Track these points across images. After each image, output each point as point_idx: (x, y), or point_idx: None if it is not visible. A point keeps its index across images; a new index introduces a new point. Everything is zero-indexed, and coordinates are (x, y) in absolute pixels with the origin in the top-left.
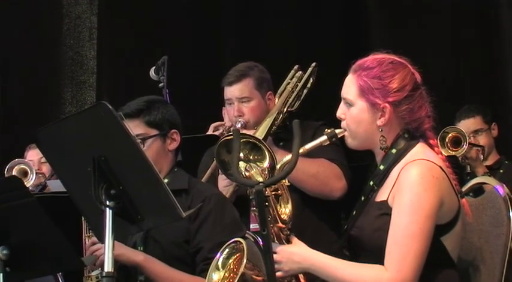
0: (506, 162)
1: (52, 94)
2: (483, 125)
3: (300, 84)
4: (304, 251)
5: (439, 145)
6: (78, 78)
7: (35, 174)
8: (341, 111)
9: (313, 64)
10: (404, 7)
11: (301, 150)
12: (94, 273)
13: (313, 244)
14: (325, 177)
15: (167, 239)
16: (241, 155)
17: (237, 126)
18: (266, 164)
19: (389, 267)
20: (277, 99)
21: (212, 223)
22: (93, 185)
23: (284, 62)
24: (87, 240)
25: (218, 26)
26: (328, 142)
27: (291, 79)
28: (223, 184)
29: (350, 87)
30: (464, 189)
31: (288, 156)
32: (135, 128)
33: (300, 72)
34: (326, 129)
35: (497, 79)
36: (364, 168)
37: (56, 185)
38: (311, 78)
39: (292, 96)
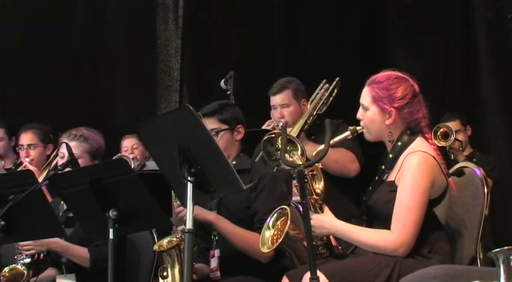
0: (478, 153)
1: (147, 95)
2: (461, 126)
3: (326, 94)
4: (332, 220)
5: (432, 137)
6: (167, 83)
7: (132, 161)
8: (360, 114)
9: (337, 79)
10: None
11: (331, 142)
12: (179, 228)
13: (335, 210)
14: (344, 161)
15: (233, 205)
16: (282, 146)
17: (280, 124)
18: (298, 152)
19: (394, 230)
20: (309, 105)
21: (266, 194)
22: (178, 165)
23: (315, 76)
24: (174, 205)
25: (267, 48)
26: (351, 136)
27: (320, 90)
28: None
29: (366, 96)
30: (450, 171)
31: (321, 146)
32: (211, 123)
33: (327, 84)
34: (349, 127)
35: (473, 92)
36: (378, 156)
37: (151, 165)
38: (335, 90)
39: (321, 103)
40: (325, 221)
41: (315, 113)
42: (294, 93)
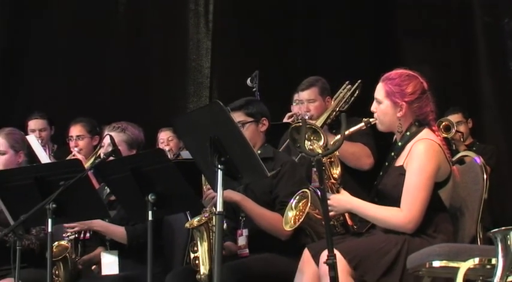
0: (477, 143)
1: (181, 90)
2: (462, 119)
3: (348, 93)
4: (348, 198)
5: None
6: (198, 80)
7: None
8: (374, 107)
9: (359, 81)
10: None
11: (346, 132)
12: (208, 208)
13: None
14: (360, 155)
15: (259, 189)
16: (306, 135)
17: (305, 117)
18: (321, 142)
19: (403, 208)
20: (332, 102)
21: (286, 180)
22: (210, 154)
23: (338, 76)
24: (204, 189)
25: (287, 50)
26: (364, 127)
27: (343, 90)
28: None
29: (379, 91)
30: (453, 159)
31: (338, 136)
32: (238, 117)
33: (350, 85)
34: (363, 119)
35: (474, 89)
36: (388, 145)
37: (185, 155)
38: (357, 90)
39: (343, 101)
40: (342, 198)
41: (337, 109)
42: (320, 91)
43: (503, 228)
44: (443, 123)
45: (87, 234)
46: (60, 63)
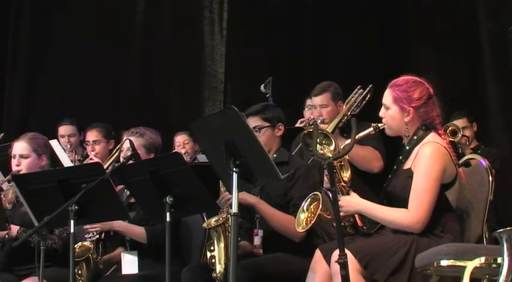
0: (482, 146)
1: (196, 95)
2: (468, 123)
3: (360, 98)
4: (357, 200)
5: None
6: (213, 85)
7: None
8: (382, 112)
9: (370, 85)
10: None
11: (357, 137)
12: (224, 209)
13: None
14: (370, 159)
15: (273, 192)
16: (318, 140)
17: (318, 122)
18: (332, 147)
19: (411, 209)
20: (344, 106)
21: (301, 183)
22: (225, 158)
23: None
24: (221, 192)
25: (300, 56)
26: (373, 132)
27: (355, 94)
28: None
29: (387, 97)
30: (460, 162)
31: (348, 141)
32: (255, 121)
33: (361, 90)
34: (372, 124)
35: (479, 94)
36: (396, 148)
37: (202, 158)
38: (368, 95)
39: (354, 105)
40: (352, 200)
41: (349, 113)
42: (333, 96)
43: (508, 228)
44: (450, 128)
45: (102, 234)
46: (83, 70)
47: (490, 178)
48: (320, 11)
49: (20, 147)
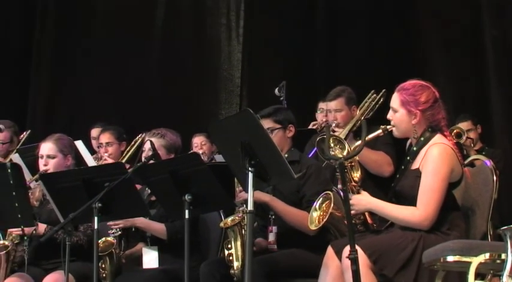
0: (487, 148)
1: (214, 98)
2: (472, 126)
3: (373, 103)
4: (367, 198)
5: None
6: (229, 88)
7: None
8: (390, 115)
9: (384, 90)
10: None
11: (367, 138)
12: (241, 209)
13: None
14: (382, 163)
15: (286, 190)
16: (332, 145)
17: (332, 125)
18: (345, 152)
19: (419, 207)
20: (358, 111)
21: (312, 180)
22: (241, 158)
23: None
24: (237, 190)
25: (313, 62)
26: (382, 133)
27: (368, 99)
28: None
29: (395, 100)
30: (465, 162)
31: (358, 142)
32: (267, 123)
33: (375, 95)
34: (381, 126)
35: (483, 98)
36: (402, 149)
37: (219, 158)
38: (381, 99)
39: (368, 110)
40: (362, 198)
41: (362, 117)
42: (347, 101)
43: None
44: (455, 131)
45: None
46: (105, 74)
47: (494, 178)
48: (334, 17)
49: (47, 147)
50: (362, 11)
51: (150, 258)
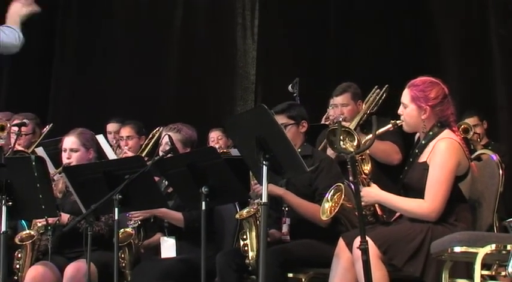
0: (493, 143)
1: (229, 94)
2: (478, 121)
3: (377, 97)
4: (377, 191)
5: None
6: (244, 85)
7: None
8: (400, 110)
9: (386, 85)
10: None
11: (377, 133)
12: (255, 201)
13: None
14: (390, 152)
15: (299, 183)
16: (341, 137)
17: (340, 119)
18: (355, 143)
19: (427, 199)
20: (364, 105)
21: (325, 174)
22: (256, 152)
23: (369, 81)
24: (252, 183)
25: (325, 59)
26: (392, 128)
27: (373, 94)
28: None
29: (406, 96)
30: (472, 156)
31: (369, 136)
32: (281, 119)
33: (378, 90)
34: (391, 121)
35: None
36: (410, 143)
37: (235, 152)
38: (384, 94)
39: (373, 104)
40: (372, 191)
41: (368, 111)
42: (353, 96)
43: None
44: (463, 126)
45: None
46: (125, 70)
47: (500, 171)
48: (344, 17)
49: (70, 141)
50: (374, 9)
51: (168, 248)
